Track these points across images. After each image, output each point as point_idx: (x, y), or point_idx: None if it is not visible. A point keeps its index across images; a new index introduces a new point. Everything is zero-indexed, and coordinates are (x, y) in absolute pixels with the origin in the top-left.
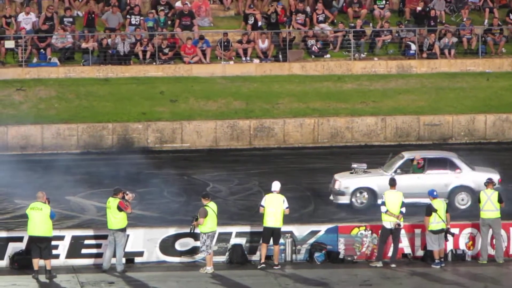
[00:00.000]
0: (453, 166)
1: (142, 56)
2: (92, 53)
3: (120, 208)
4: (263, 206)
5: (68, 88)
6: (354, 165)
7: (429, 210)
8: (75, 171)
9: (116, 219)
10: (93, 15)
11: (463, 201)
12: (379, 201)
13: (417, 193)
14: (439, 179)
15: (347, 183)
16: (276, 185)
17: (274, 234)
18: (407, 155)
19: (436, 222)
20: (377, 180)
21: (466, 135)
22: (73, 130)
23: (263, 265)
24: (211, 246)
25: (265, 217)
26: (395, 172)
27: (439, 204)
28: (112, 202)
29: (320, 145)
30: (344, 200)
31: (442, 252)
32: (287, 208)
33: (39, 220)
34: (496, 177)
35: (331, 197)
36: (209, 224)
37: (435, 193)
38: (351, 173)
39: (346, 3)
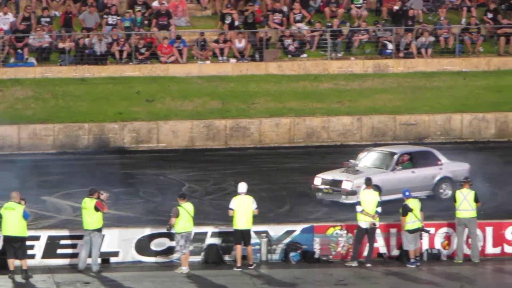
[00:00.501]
0: (435, 159)
1: (119, 56)
2: (69, 53)
3: (97, 208)
4: (232, 209)
5: (45, 88)
6: (351, 162)
7: (405, 210)
8: (51, 171)
9: (92, 219)
10: (70, 15)
11: (445, 192)
12: (356, 200)
13: (414, 187)
14: (428, 171)
15: (359, 182)
16: (243, 187)
17: (244, 235)
18: (396, 150)
19: (412, 221)
20: (381, 177)
21: (442, 134)
22: (49, 130)
23: (240, 268)
24: (186, 246)
25: (235, 219)
26: (393, 169)
27: (414, 203)
28: (89, 203)
29: (296, 145)
30: (356, 199)
31: (418, 251)
32: (256, 208)
33: (12, 220)
34: (467, 168)
35: (323, 196)
36: (181, 224)
37: (407, 193)
38: (342, 172)
39: (323, 2)
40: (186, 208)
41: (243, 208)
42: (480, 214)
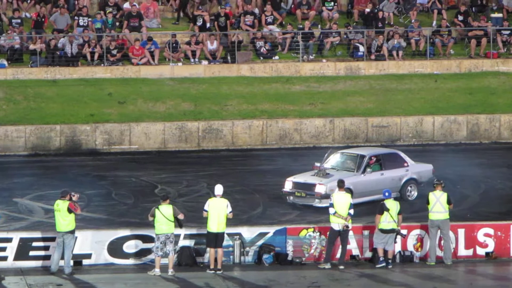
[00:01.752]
0: (402, 161)
1: (90, 57)
2: (40, 55)
3: (70, 210)
4: (206, 211)
5: (16, 89)
6: (323, 165)
7: (381, 208)
8: (22, 173)
9: (65, 221)
10: (43, 19)
11: (412, 193)
12: (328, 203)
13: (383, 189)
14: (396, 173)
15: (332, 185)
16: (219, 189)
17: (217, 238)
18: (365, 152)
19: (387, 221)
20: (352, 180)
21: (414, 136)
22: (21, 132)
23: (213, 271)
24: (161, 248)
25: (208, 221)
26: (363, 171)
27: (392, 204)
28: (62, 205)
29: (268, 147)
30: (328, 202)
31: (391, 253)
32: (230, 212)
33: None
34: (431, 169)
35: (295, 199)
36: (157, 226)
37: (387, 193)
38: (313, 175)
39: (294, 4)
40: (162, 211)
41: (217, 210)
42: (467, 216)
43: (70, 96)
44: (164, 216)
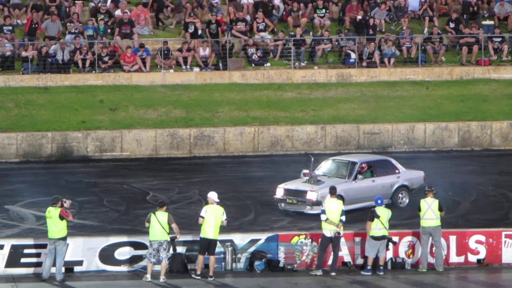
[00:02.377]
0: (393, 168)
1: (82, 64)
2: (31, 62)
3: (62, 217)
4: (203, 217)
5: (7, 96)
6: (314, 172)
7: (372, 215)
8: (14, 180)
9: (57, 228)
10: (36, 25)
11: (403, 200)
12: (320, 210)
13: (374, 196)
14: (387, 180)
15: (324, 192)
16: (214, 196)
17: (210, 245)
18: (356, 159)
19: (378, 228)
20: (343, 186)
21: (405, 143)
22: (12, 139)
23: (199, 276)
24: (154, 255)
25: (203, 228)
26: (355, 178)
27: (383, 212)
28: (53, 212)
29: (260, 154)
30: (320, 208)
31: (382, 260)
32: (225, 220)
33: None
34: (422, 176)
35: (286, 206)
36: (151, 232)
37: (379, 201)
38: (304, 182)
39: (286, 12)
40: (158, 217)
41: (213, 217)
42: (458, 223)
43: (62, 103)
44: (159, 223)
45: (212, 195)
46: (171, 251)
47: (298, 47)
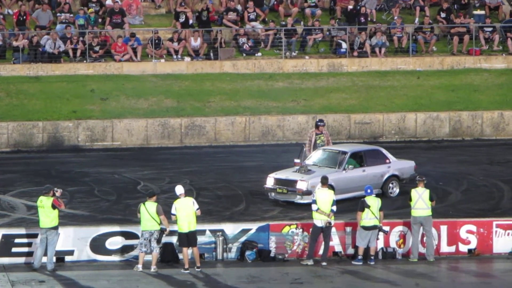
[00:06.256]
0: (384, 157)
1: (73, 54)
2: (22, 51)
3: (54, 206)
4: (174, 214)
5: None
6: (304, 162)
7: (362, 205)
8: (5, 170)
9: (49, 217)
10: (24, 17)
11: (393, 190)
12: (310, 199)
13: (365, 185)
14: (378, 170)
15: (314, 182)
16: (180, 189)
17: (189, 238)
18: (347, 149)
19: (368, 218)
20: (334, 176)
21: (396, 133)
22: (3, 129)
23: (188, 270)
24: (145, 245)
25: (178, 223)
26: (345, 168)
27: (373, 201)
28: (45, 201)
29: (251, 143)
30: (311, 198)
31: (373, 250)
32: (198, 209)
33: None
34: (413, 166)
35: (276, 196)
36: (142, 222)
37: (369, 190)
38: (295, 171)
39: (277, 1)
40: (147, 207)
41: (184, 211)
42: (449, 213)
43: (53, 93)
44: (148, 213)
45: (178, 189)
46: (163, 240)
47: (289, 36)
